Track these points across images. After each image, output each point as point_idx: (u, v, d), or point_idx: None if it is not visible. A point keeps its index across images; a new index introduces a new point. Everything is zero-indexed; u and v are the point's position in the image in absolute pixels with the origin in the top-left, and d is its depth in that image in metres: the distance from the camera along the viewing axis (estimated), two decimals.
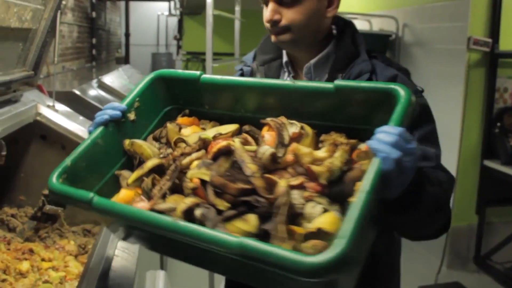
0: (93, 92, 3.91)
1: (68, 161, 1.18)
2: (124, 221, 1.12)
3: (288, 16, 1.40)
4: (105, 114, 1.26)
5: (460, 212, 4.22)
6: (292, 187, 1.01)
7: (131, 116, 1.31)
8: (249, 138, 1.20)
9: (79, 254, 1.92)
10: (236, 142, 1.12)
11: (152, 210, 1.06)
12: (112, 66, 7.08)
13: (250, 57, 1.67)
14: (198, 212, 1.01)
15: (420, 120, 1.32)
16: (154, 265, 3.00)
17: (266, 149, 1.08)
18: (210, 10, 3.12)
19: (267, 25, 1.45)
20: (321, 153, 1.06)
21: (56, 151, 2.33)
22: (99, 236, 1.66)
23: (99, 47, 7.95)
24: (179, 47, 10.25)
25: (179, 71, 1.40)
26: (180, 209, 1.02)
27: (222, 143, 1.12)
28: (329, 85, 1.14)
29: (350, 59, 1.43)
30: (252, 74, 1.63)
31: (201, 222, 0.99)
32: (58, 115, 2.38)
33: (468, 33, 3.98)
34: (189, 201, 1.04)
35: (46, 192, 2.07)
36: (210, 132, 1.26)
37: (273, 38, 1.47)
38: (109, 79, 4.48)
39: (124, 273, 1.44)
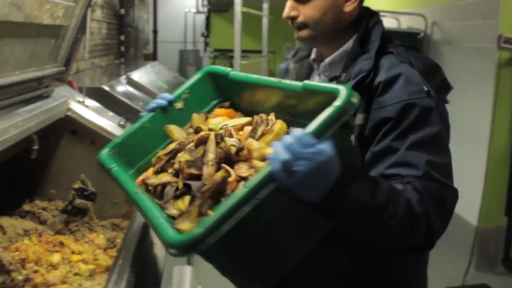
0: (122, 88, 3.96)
1: (118, 138, 1.43)
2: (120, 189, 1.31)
3: (304, 12, 1.40)
4: (154, 102, 1.48)
5: (489, 213, 4.16)
6: (242, 178, 1.11)
7: (178, 105, 1.50)
8: (233, 131, 1.28)
9: (108, 248, 1.95)
10: (211, 134, 1.25)
11: (144, 183, 1.30)
12: (140, 63, 7.15)
13: (291, 54, 1.69)
14: (166, 189, 1.19)
15: (415, 124, 1.25)
16: (181, 260, 3.02)
17: (229, 142, 1.20)
18: (238, 7, 3.13)
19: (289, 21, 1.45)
20: (270, 150, 1.08)
21: (86, 146, 2.37)
22: (128, 230, 1.68)
23: (127, 43, 8.02)
24: (206, 44, 10.30)
25: (220, 67, 1.54)
26: (154, 184, 1.24)
27: (202, 133, 1.28)
28: (299, 85, 1.17)
29: (356, 56, 1.38)
30: (286, 71, 1.65)
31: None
32: (88, 111, 2.42)
33: (498, 31, 3.92)
34: (164, 179, 1.24)
35: (76, 186, 2.11)
36: (222, 123, 1.36)
37: (295, 34, 1.47)
38: (137, 75, 4.53)
39: (153, 267, 1.46)
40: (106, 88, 3.62)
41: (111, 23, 6.97)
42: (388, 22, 5.59)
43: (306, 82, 1.16)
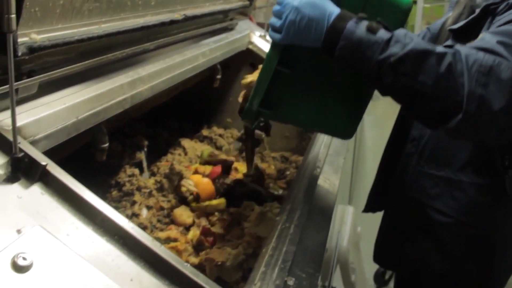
0: None
1: None
2: None
3: None
4: None
5: None
6: None
7: None
8: None
9: (278, 179, 2.03)
10: None
11: None
12: None
13: None
14: None
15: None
16: (343, 199, 3.06)
17: None
18: None
19: None
20: None
21: None
22: (302, 164, 1.73)
23: None
24: None
25: None
26: None
27: None
28: None
29: None
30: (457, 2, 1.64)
31: None
32: (268, 45, 2.47)
33: None
34: None
35: None
36: None
37: None
38: None
39: (324, 203, 1.49)
40: None
41: None
42: None
43: None
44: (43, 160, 0.94)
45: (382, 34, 1.09)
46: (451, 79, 1.06)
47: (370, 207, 1.85)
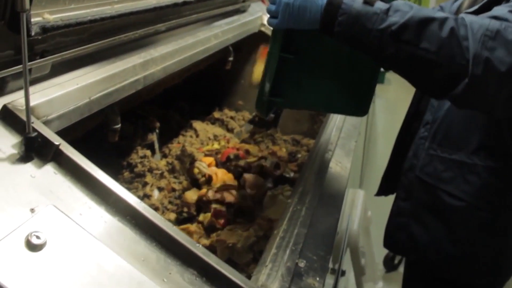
0: None
1: None
2: None
3: None
4: None
5: None
6: None
7: None
8: None
9: (289, 162, 2.03)
10: None
11: None
12: None
13: None
14: None
15: None
16: (354, 183, 3.06)
17: None
18: None
19: None
20: None
21: None
22: (314, 148, 1.73)
23: None
24: None
25: None
26: None
27: None
28: None
29: None
30: None
31: None
32: None
33: None
34: None
35: None
36: None
37: None
38: None
39: (336, 186, 1.49)
40: None
41: None
42: None
43: None
44: (56, 140, 0.94)
45: (380, 5, 1.09)
46: (455, 43, 1.05)
47: (382, 191, 1.85)
